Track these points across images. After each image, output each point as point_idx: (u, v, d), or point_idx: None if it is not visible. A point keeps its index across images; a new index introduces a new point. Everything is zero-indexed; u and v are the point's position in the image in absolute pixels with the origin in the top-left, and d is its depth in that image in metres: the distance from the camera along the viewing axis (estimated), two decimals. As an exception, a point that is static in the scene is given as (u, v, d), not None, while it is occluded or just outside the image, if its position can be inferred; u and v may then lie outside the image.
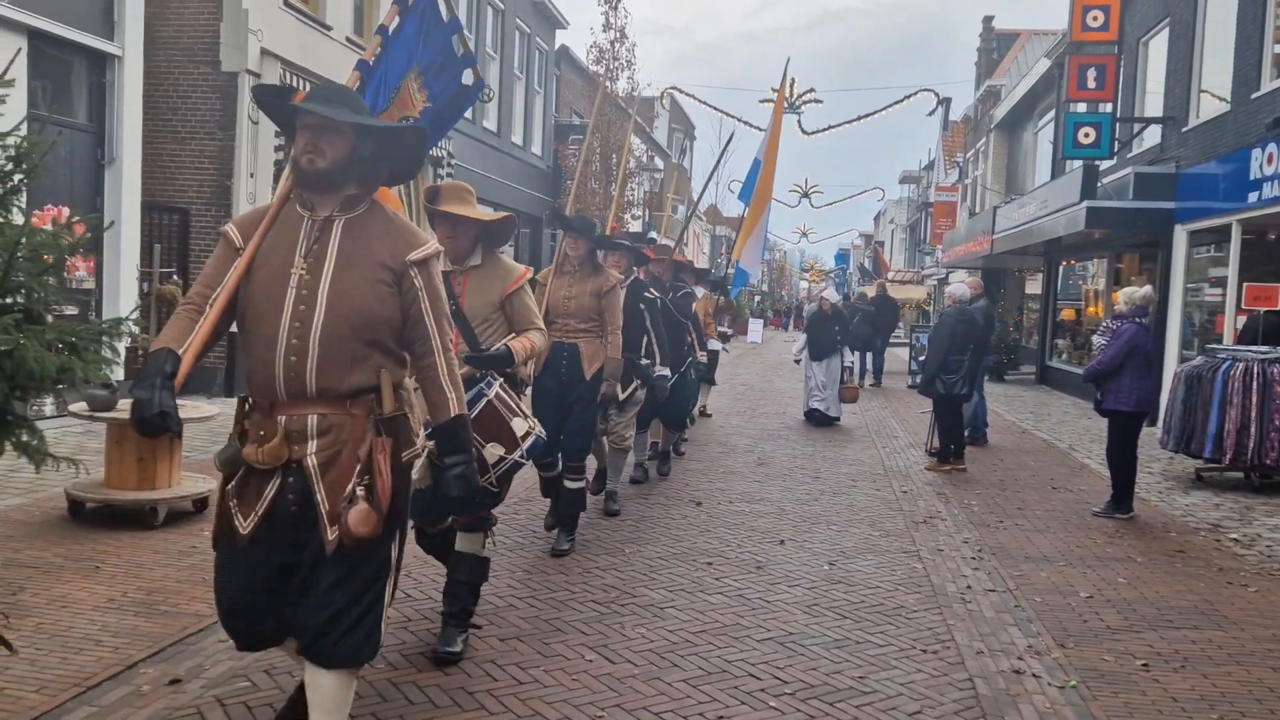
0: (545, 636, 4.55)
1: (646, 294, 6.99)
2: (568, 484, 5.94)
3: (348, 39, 14.29)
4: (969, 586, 5.66)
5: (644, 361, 6.91)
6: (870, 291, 21.62)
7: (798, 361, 13.19)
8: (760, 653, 4.48)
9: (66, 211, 8.16)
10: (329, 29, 13.69)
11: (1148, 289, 7.88)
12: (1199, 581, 5.98)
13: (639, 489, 7.95)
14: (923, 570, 5.97)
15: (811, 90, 26.15)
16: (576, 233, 6.05)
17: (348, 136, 2.88)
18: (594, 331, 5.94)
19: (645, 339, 6.95)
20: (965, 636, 4.81)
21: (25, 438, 4.11)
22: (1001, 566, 6.13)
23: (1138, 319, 7.63)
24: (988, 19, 34.12)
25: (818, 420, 12.59)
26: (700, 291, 9.67)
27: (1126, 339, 7.50)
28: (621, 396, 6.35)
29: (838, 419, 12.62)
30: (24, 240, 3.99)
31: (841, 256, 73.88)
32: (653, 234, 24.11)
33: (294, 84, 12.34)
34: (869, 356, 18.95)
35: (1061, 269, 20.89)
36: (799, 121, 25.92)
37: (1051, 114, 21.08)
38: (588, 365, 5.86)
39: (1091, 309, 18.72)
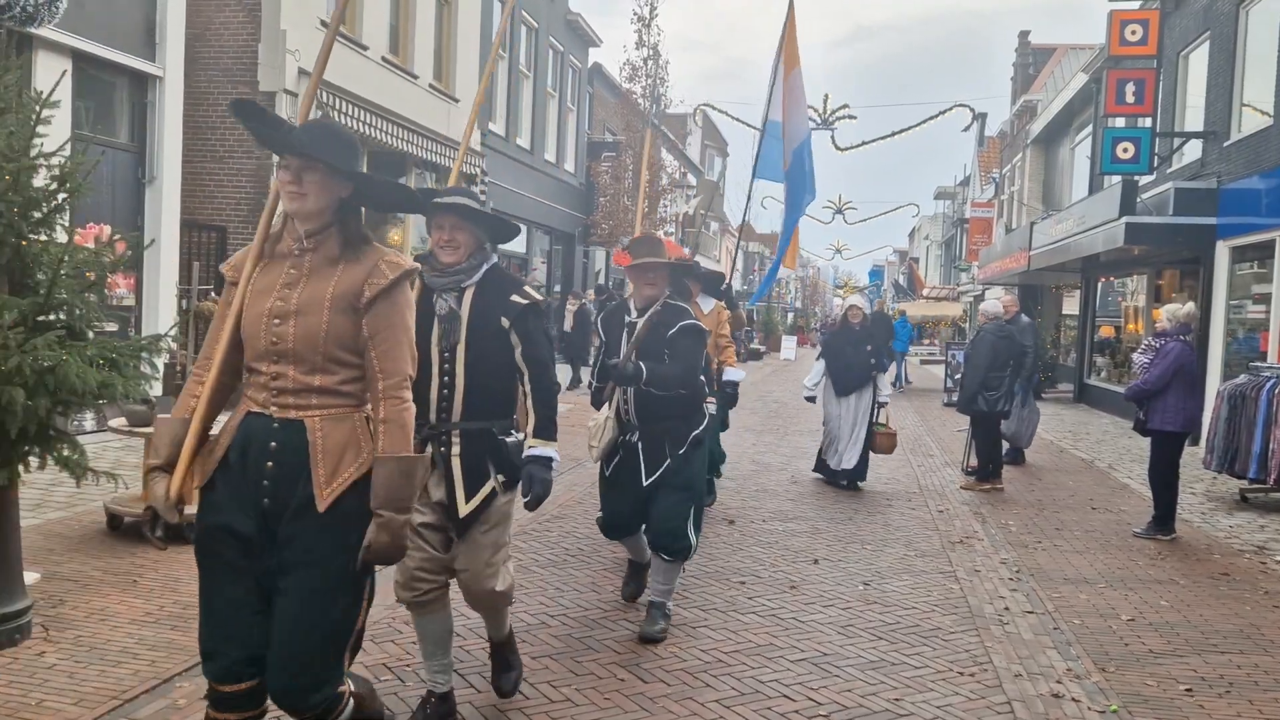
0: (577, 655, 4.53)
1: (515, 298, 3.47)
2: None
3: (383, 58, 14.48)
4: (1007, 608, 5.57)
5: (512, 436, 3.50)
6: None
7: (811, 400, 9.47)
8: (794, 673, 4.43)
9: (108, 230, 8.31)
10: (365, 49, 13.87)
11: (1191, 306, 7.76)
12: (1244, 605, 5.85)
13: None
14: (959, 591, 5.89)
15: (845, 106, 26.02)
16: (297, 153, 2.58)
17: None
18: (344, 394, 2.65)
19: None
20: (1003, 659, 4.73)
21: (67, 452, 4.20)
22: (1040, 588, 6.04)
23: (1181, 337, 7.50)
24: (1024, 34, 33.96)
25: (830, 474, 9.22)
26: (709, 304, 7.34)
27: (1174, 358, 7.35)
28: (466, 509, 3.41)
29: (853, 484, 9.14)
30: (67, 258, 4.08)
31: (875, 272, 73.52)
32: (685, 249, 24.09)
33: (330, 103, 12.50)
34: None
35: (1100, 285, 20.64)
36: (833, 138, 25.84)
37: (1089, 129, 20.87)
38: (324, 471, 2.60)
39: (1131, 326, 18.48)
